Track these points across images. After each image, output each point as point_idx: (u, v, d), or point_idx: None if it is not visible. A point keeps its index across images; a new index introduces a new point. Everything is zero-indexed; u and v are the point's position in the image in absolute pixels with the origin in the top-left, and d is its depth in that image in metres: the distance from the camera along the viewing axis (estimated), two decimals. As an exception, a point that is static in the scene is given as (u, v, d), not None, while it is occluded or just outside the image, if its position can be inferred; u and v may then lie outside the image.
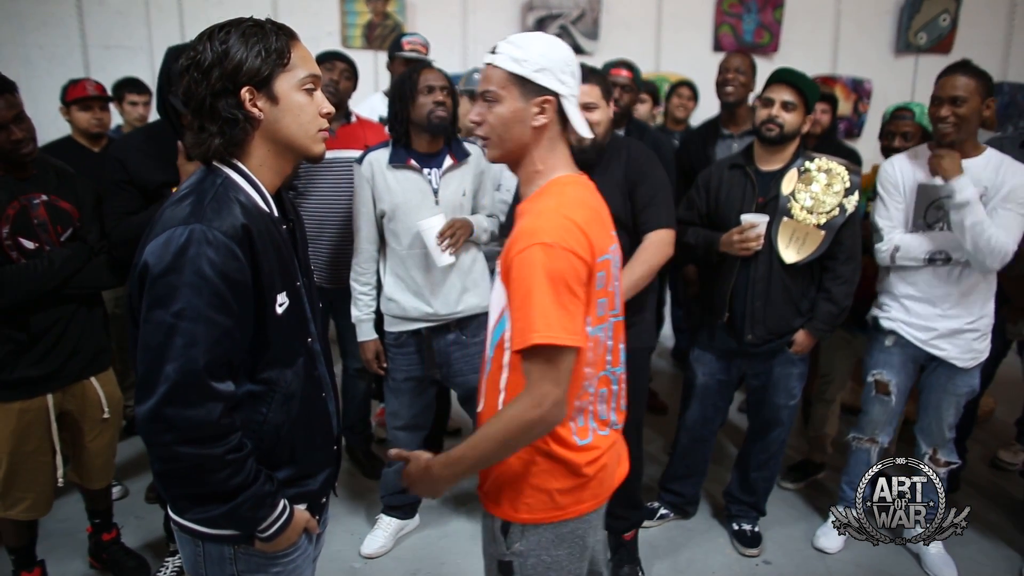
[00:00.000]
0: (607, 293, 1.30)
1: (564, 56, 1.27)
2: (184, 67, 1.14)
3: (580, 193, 1.30)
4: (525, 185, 1.33)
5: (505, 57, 1.25)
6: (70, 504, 2.66)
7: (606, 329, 1.32)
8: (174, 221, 1.08)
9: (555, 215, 1.20)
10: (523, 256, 1.17)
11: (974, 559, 2.49)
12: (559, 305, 1.15)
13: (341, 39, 4.53)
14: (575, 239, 1.19)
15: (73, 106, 2.99)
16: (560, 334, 1.14)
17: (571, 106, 1.28)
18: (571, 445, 1.29)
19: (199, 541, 1.23)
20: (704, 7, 4.73)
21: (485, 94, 1.28)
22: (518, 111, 1.25)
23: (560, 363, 1.16)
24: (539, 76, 1.24)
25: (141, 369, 1.07)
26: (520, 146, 1.28)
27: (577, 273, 1.18)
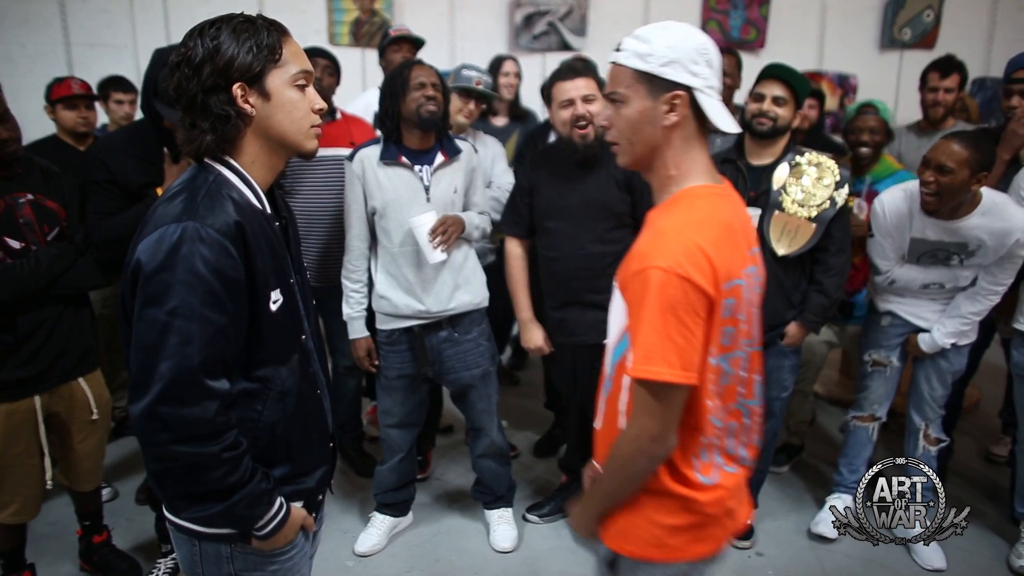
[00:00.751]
0: (734, 321, 1.16)
1: (696, 44, 1.15)
2: (175, 63, 1.12)
3: (712, 208, 1.17)
4: (658, 192, 1.23)
5: (628, 54, 1.16)
6: (60, 507, 2.63)
7: (736, 360, 1.20)
8: (167, 219, 1.07)
9: (677, 235, 1.10)
10: (637, 278, 1.10)
11: (963, 548, 2.52)
12: (666, 337, 1.07)
13: (328, 36, 4.50)
14: (694, 265, 1.08)
15: (58, 105, 2.96)
16: (662, 369, 1.07)
17: (707, 99, 1.16)
18: (693, 483, 1.19)
19: (195, 540, 1.22)
20: (691, 3, 4.75)
21: (611, 95, 1.20)
22: (646, 111, 1.16)
23: (662, 398, 1.09)
24: (667, 70, 1.13)
25: (135, 368, 1.06)
26: (650, 149, 1.19)
27: (691, 303, 1.08)
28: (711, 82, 1.17)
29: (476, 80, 2.70)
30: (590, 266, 2.29)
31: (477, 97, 2.74)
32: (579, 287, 2.32)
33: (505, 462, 2.62)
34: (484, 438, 2.54)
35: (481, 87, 2.71)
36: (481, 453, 2.57)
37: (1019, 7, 4.88)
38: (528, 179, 2.44)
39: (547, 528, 2.69)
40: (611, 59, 1.21)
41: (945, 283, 2.37)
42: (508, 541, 2.55)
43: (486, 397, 2.49)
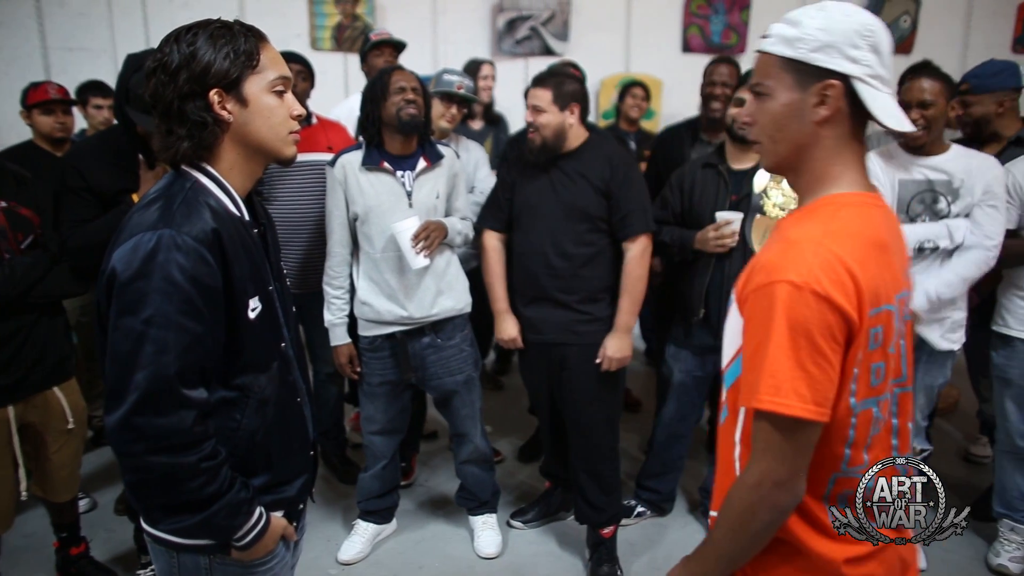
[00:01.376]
0: (886, 355, 0.98)
1: (858, 25, 0.98)
2: (151, 69, 1.11)
3: (860, 219, 0.99)
4: (801, 197, 1.06)
5: (775, 40, 1.01)
6: (36, 518, 2.59)
7: (886, 404, 1.02)
8: (142, 226, 1.06)
9: (814, 247, 0.94)
10: (762, 293, 0.94)
11: (941, 547, 2.54)
12: (797, 364, 0.91)
13: (310, 41, 4.48)
14: (834, 282, 0.91)
15: (35, 110, 2.92)
16: (792, 401, 0.91)
17: (870, 90, 0.98)
18: (825, 529, 1.01)
19: (173, 552, 1.20)
20: (672, 8, 4.78)
21: (755, 87, 1.05)
22: (793, 104, 1.00)
23: (792, 437, 0.93)
24: (818, 56, 0.97)
25: (110, 378, 1.05)
26: (796, 148, 1.02)
27: (828, 326, 0.91)
28: (876, 70, 0.99)
29: (458, 84, 2.70)
30: (561, 265, 2.30)
31: (459, 102, 2.73)
32: (549, 284, 2.32)
33: (489, 468, 2.61)
34: (467, 444, 2.53)
35: (463, 91, 2.71)
36: (465, 459, 2.56)
37: (993, 12, 4.97)
38: (509, 174, 2.45)
39: (531, 533, 2.68)
40: (757, 47, 1.06)
41: (938, 240, 2.30)
42: (492, 547, 2.55)
43: (469, 403, 2.49)
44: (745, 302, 0.99)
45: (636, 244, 2.30)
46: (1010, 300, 2.40)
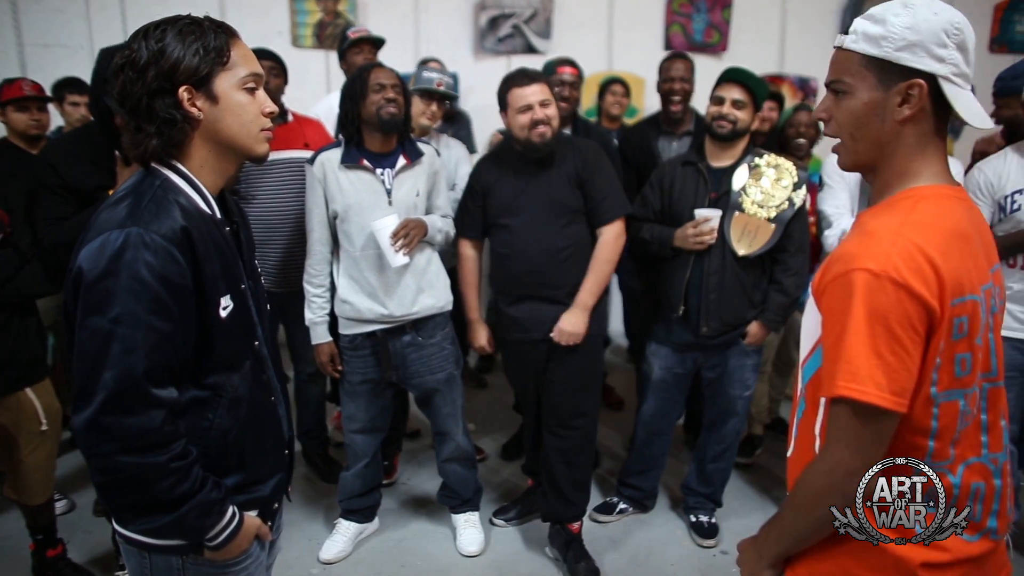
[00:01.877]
0: (972, 347, 0.97)
1: (945, 23, 0.96)
2: (119, 66, 1.10)
3: (941, 210, 0.99)
4: (877, 194, 1.05)
5: (857, 37, 1.00)
6: (12, 520, 2.56)
7: (973, 397, 0.99)
8: (110, 224, 1.05)
9: (892, 236, 0.93)
10: (839, 283, 0.94)
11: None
12: (874, 352, 0.90)
13: (291, 38, 4.45)
14: (913, 270, 0.91)
15: (8, 107, 2.88)
16: (869, 388, 0.90)
17: (954, 89, 0.97)
18: None
19: (145, 553, 1.19)
20: (655, 7, 4.78)
21: (833, 85, 1.04)
22: (874, 103, 0.99)
23: (867, 425, 0.92)
24: (904, 55, 0.96)
25: (78, 378, 1.04)
26: (877, 147, 1.02)
27: (907, 314, 0.91)
28: (961, 68, 0.98)
29: (437, 82, 2.69)
30: (546, 261, 2.32)
31: (439, 99, 2.73)
32: (534, 282, 2.34)
33: (471, 466, 2.61)
34: (449, 442, 2.53)
35: (443, 88, 2.70)
36: (446, 457, 2.56)
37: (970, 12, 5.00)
38: (479, 182, 2.45)
39: (514, 532, 2.69)
40: (836, 43, 1.05)
41: None
42: (474, 545, 2.55)
43: (451, 401, 2.48)
44: (823, 293, 0.98)
45: (611, 228, 2.36)
46: None
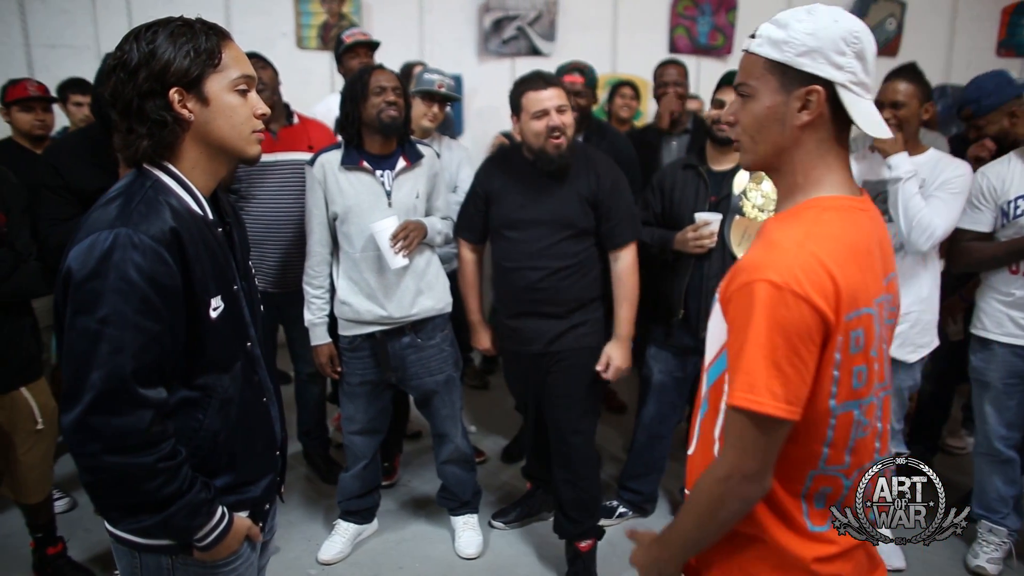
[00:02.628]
0: (867, 359, 0.99)
1: (844, 31, 0.98)
2: (110, 67, 1.11)
3: (843, 223, 1.01)
4: (782, 200, 1.08)
5: (762, 40, 1.02)
6: (12, 518, 2.57)
7: (871, 407, 1.03)
8: (99, 225, 1.05)
9: (795, 248, 0.95)
10: (743, 292, 0.96)
11: (921, 548, 2.51)
12: (773, 363, 0.92)
13: (296, 40, 4.46)
14: (815, 283, 0.93)
15: (13, 107, 2.90)
16: (766, 399, 0.93)
17: (852, 97, 0.99)
18: (797, 526, 1.03)
19: (135, 552, 1.19)
20: (659, 9, 4.78)
21: (739, 87, 1.06)
22: (775, 107, 1.01)
23: (763, 433, 0.95)
24: (804, 61, 0.98)
25: (66, 377, 1.04)
26: (777, 150, 1.03)
27: (806, 326, 0.93)
28: (859, 77, 0.99)
29: (438, 83, 2.70)
30: (549, 279, 2.24)
31: (440, 100, 2.73)
32: (536, 298, 2.27)
33: (470, 468, 2.61)
34: (448, 444, 2.53)
35: (444, 90, 2.70)
36: (445, 459, 2.56)
37: (978, 15, 4.99)
38: (483, 186, 2.37)
39: (512, 534, 2.68)
40: (744, 47, 1.07)
41: None
42: (473, 547, 2.54)
43: (450, 403, 2.48)
44: (729, 301, 1.00)
45: (627, 252, 2.29)
46: (987, 303, 2.41)
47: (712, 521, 1.02)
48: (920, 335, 2.40)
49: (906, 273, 2.36)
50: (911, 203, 2.22)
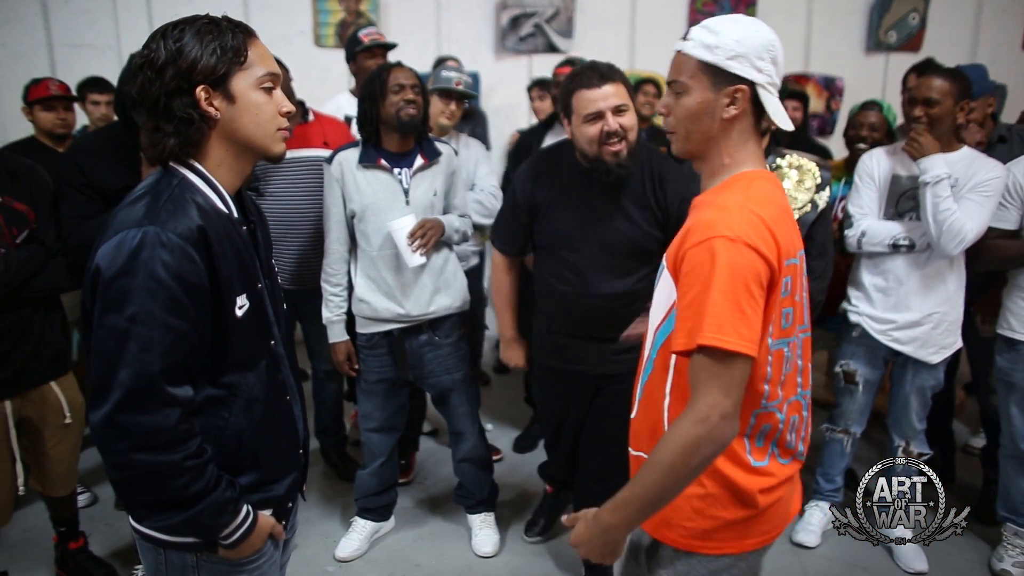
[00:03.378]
0: (793, 303, 1.16)
1: (764, 41, 1.15)
2: (137, 66, 1.11)
3: (768, 189, 1.18)
4: (708, 179, 1.23)
5: (696, 44, 1.16)
6: (35, 512, 2.60)
7: (793, 345, 1.18)
8: (127, 223, 1.06)
9: (739, 209, 1.10)
10: (700, 249, 1.07)
11: (944, 550, 2.52)
12: (735, 306, 1.03)
13: (314, 38, 4.48)
14: (760, 236, 1.08)
15: (36, 106, 2.93)
16: (732, 338, 1.02)
17: (768, 96, 1.16)
18: (744, 464, 1.15)
19: (160, 549, 1.20)
20: (678, 6, 4.74)
21: (673, 84, 1.19)
22: (707, 102, 1.16)
23: (732, 370, 1.04)
24: (732, 64, 1.13)
25: (95, 375, 1.05)
26: (707, 140, 1.19)
27: (759, 274, 1.06)
28: (774, 79, 1.17)
29: (456, 81, 2.69)
30: (609, 305, 2.05)
31: (457, 98, 2.72)
32: (593, 324, 2.08)
33: (486, 466, 2.60)
34: (465, 442, 2.52)
35: (461, 87, 2.70)
36: (462, 457, 2.55)
37: (1003, 10, 4.91)
38: (528, 197, 2.12)
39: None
40: (677, 47, 1.20)
41: (915, 239, 2.30)
42: (490, 546, 2.54)
43: (467, 401, 2.48)
44: (682, 260, 1.11)
45: None
46: (1014, 303, 2.37)
47: (686, 466, 1.06)
48: (943, 336, 2.38)
49: (932, 274, 2.34)
50: (941, 207, 2.19)
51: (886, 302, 2.40)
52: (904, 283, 2.36)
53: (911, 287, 2.36)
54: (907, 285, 2.36)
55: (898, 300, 2.38)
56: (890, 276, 2.39)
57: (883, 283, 2.40)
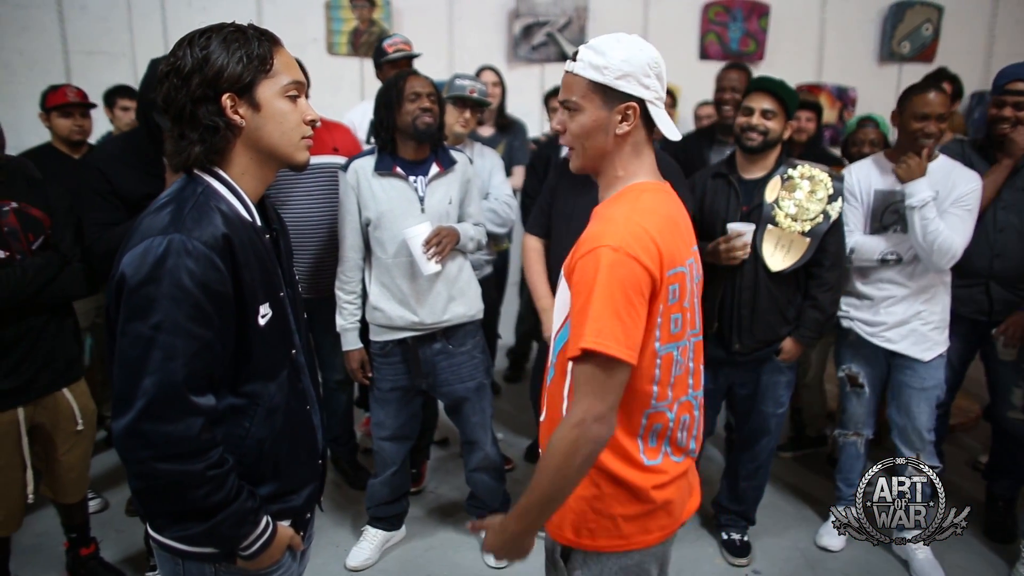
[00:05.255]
0: (682, 308, 1.22)
1: (648, 58, 1.21)
2: (164, 73, 1.11)
3: (656, 200, 1.24)
4: (604, 190, 1.29)
5: (585, 65, 1.21)
6: (47, 518, 2.60)
7: (684, 349, 1.25)
8: (152, 231, 1.05)
9: (625, 221, 1.16)
10: (586, 259, 1.14)
11: (961, 565, 2.49)
12: (614, 313, 1.10)
13: (327, 46, 4.50)
14: (642, 247, 1.13)
15: (53, 112, 2.95)
16: (610, 343, 1.08)
17: (656, 110, 1.23)
18: (636, 463, 1.22)
19: (179, 559, 1.19)
20: (690, 15, 4.75)
21: (566, 103, 1.24)
22: (600, 120, 1.22)
23: (608, 376, 1.11)
24: (621, 83, 1.19)
25: (118, 383, 1.04)
26: (602, 154, 1.25)
27: (638, 283, 1.13)
28: (660, 94, 1.24)
29: (470, 89, 2.69)
30: None
31: (472, 106, 2.72)
32: None
33: (499, 476, 2.59)
34: (478, 452, 2.51)
35: (475, 95, 2.70)
36: (475, 467, 2.54)
37: (1017, 21, 4.89)
38: (552, 181, 2.43)
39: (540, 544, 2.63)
40: (567, 68, 1.25)
41: (903, 253, 2.34)
42: (502, 556, 2.52)
43: (480, 410, 2.47)
44: (574, 270, 1.17)
45: None
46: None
47: (569, 468, 1.13)
48: (933, 332, 2.41)
49: (921, 281, 2.39)
50: (929, 228, 2.24)
51: (876, 307, 2.44)
52: (895, 293, 2.41)
53: (900, 294, 2.41)
54: (897, 293, 2.41)
55: (887, 304, 2.43)
56: (881, 286, 2.44)
57: (874, 291, 2.45)
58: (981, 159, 2.54)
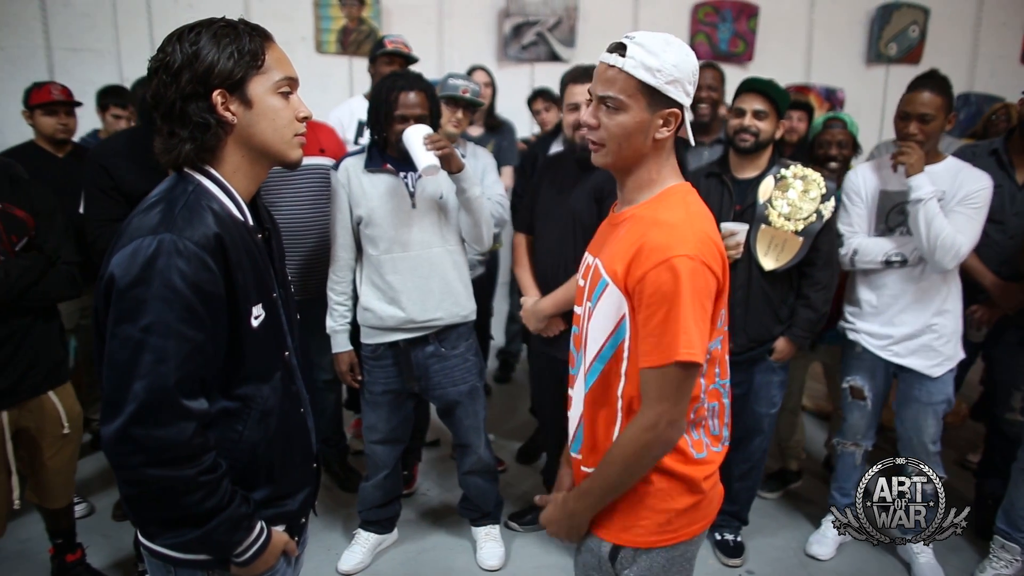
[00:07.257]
0: (724, 304, 1.27)
1: (693, 66, 1.20)
2: (152, 69, 1.08)
3: (699, 203, 1.25)
4: (634, 191, 1.26)
5: (636, 64, 1.15)
6: (31, 523, 2.55)
7: (723, 340, 1.30)
8: (142, 231, 1.03)
9: (689, 227, 1.16)
10: (660, 270, 1.12)
11: (963, 568, 2.49)
12: (696, 322, 1.12)
13: (315, 45, 4.46)
14: (710, 253, 1.16)
15: (37, 110, 2.89)
16: (696, 352, 1.12)
17: (688, 115, 1.23)
18: (689, 458, 1.25)
19: (170, 567, 1.16)
20: (680, 16, 4.76)
21: (607, 100, 1.19)
22: (643, 122, 1.18)
23: (686, 380, 1.15)
24: (670, 88, 1.17)
25: (107, 387, 1.01)
26: (638, 156, 1.23)
27: (710, 289, 1.16)
28: (691, 102, 1.24)
29: (463, 89, 2.67)
30: (564, 278, 2.28)
31: (464, 106, 2.70)
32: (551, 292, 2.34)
33: (492, 479, 2.57)
34: (471, 455, 2.49)
35: (468, 95, 2.68)
36: (468, 470, 2.52)
37: (1002, 23, 4.94)
38: (535, 179, 2.50)
39: (534, 546, 2.64)
40: (610, 61, 1.18)
41: (907, 255, 2.31)
42: (495, 559, 2.50)
43: (473, 413, 2.45)
44: (641, 280, 1.15)
45: None
46: None
47: (638, 466, 1.19)
48: (943, 347, 2.36)
49: (926, 287, 2.34)
50: (934, 223, 2.19)
51: (882, 317, 2.40)
52: (900, 298, 2.36)
53: (906, 301, 2.35)
54: (902, 300, 2.36)
55: (894, 314, 2.38)
56: (885, 292, 2.38)
57: (878, 299, 2.40)
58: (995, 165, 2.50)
